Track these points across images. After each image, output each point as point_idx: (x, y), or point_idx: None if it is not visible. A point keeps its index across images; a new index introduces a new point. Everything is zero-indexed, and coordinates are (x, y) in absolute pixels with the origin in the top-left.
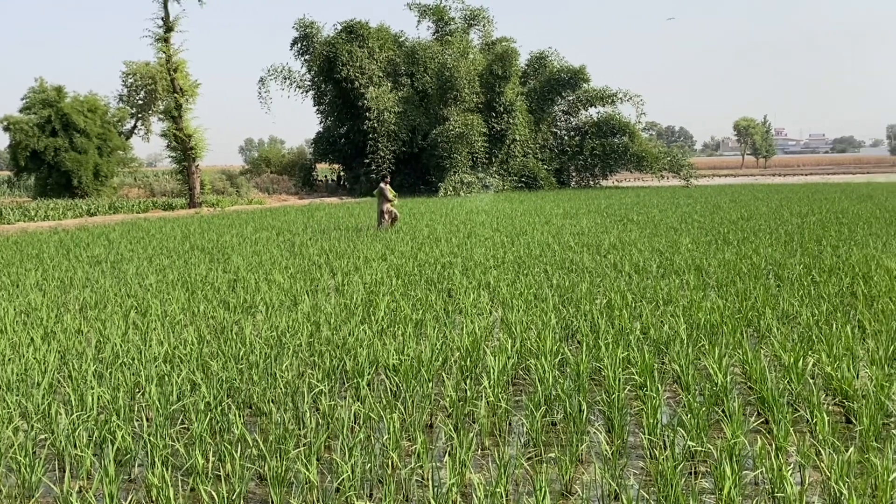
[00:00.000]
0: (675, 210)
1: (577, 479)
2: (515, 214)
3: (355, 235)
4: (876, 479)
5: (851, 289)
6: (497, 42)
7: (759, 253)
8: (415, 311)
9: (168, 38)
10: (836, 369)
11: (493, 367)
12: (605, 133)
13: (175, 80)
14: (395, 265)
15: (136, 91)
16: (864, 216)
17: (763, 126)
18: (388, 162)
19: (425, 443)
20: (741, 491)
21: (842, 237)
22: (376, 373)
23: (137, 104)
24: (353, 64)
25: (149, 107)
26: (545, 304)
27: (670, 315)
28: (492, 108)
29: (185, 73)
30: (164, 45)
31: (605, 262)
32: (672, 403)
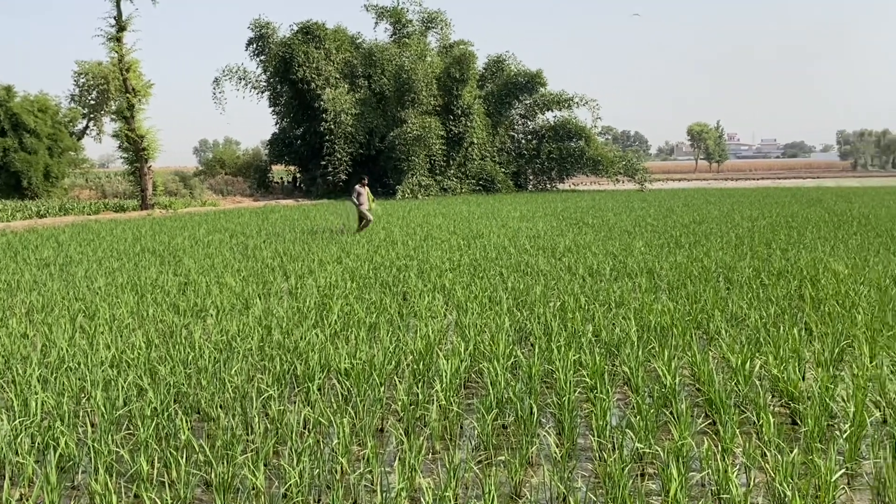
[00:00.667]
0: (630, 214)
1: (527, 482)
2: (472, 217)
3: (310, 238)
4: (819, 480)
5: (799, 292)
6: (455, 45)
7: (710, 256)
8: (369, 314)
9: (120, 37)
10: (783, 371)
11: (445, 371)
12: (562, 137)
13: (127, 81)
14: (350, 268)
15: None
16: (814, 220)
17: (716, 131)
18: (344, 164)
19: (375, 447)
20: (687, 492)
21: (791, 241)
22: (328, 377)
23: (89, 104)
24: (310, 65)
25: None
26: (499, 307)
27: (622, 317)
28: (449, 111)
29: (137, 73)
30: (117, 45)
31: (560, 265)
32: (622, 405)
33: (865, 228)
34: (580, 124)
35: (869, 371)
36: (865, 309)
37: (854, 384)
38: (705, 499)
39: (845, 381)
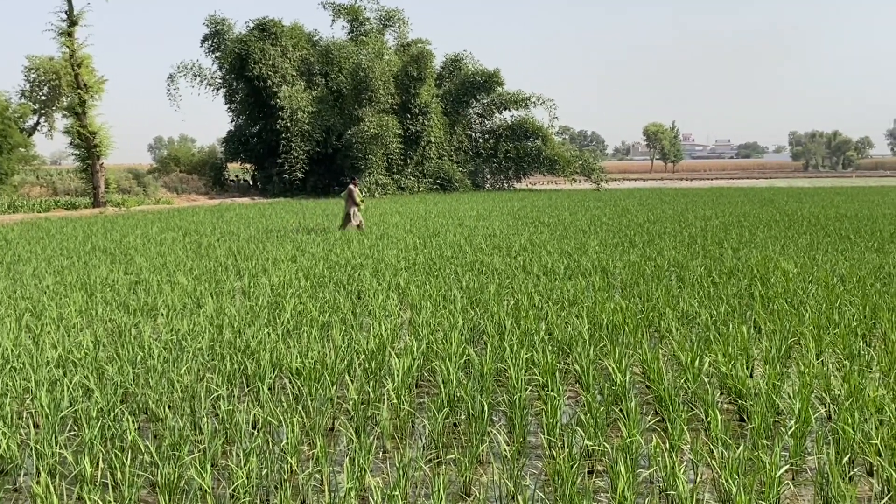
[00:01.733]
0: (586, 213)
1: (477, 481)
2: (429, 216)
3: (265, 237)
4: (764, 476)
5: (749, 290)
6: (412, 43)
7: (663, 255)
8: (322, 313)
9: (72, 32)
10: (731, 369)
11: (397, 370)
12: (519, 136)
13: (79, 76)
14: (304, 267)
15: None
16: (765, 220)
17: (671, 132)
18: (301, 162)
19: (325, 447)
20: (635, 489)
21: (742, 240)
22: (279, 376)
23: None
24: (266, 62)
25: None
26: (453, 306)
27: (575, 316)
28: (407, 110)
29: (89, 68)
30: (68, 40)
31: (515, 264)
32: (573, 403)
33: (815, 228)
34: (537, 124)
35: (815, 368)
36: (813, 307)
37: (800, 381)
38: (652, 495)
39: (792, 378)
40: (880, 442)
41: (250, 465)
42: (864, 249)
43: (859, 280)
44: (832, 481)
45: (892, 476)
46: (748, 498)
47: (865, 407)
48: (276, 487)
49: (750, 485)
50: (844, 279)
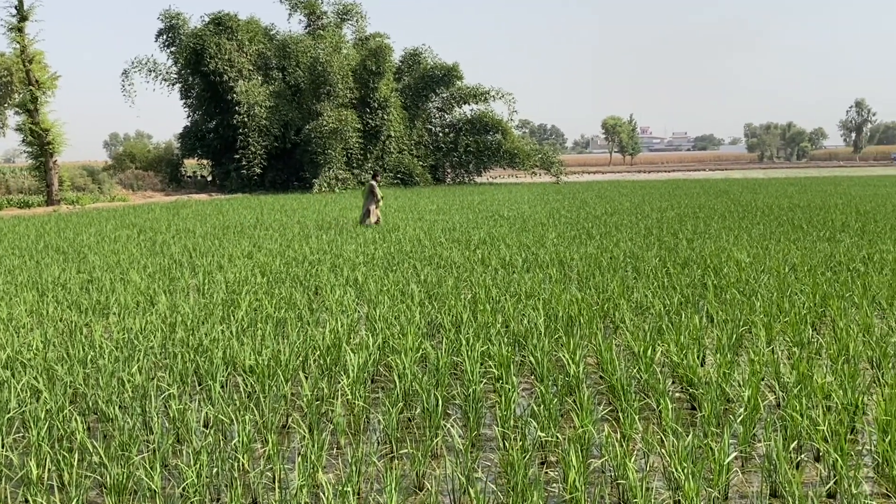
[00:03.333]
0: (545, 206)
1: (431, 474)
2: (389, 210)
3: (222, 233)
4: (713, 464)
5: (703, 280)
6: (371, 37)
7: (619, 247)
8: (278, 309)
9: (22, 27)
10: (683, 358)
11: (353, 365)
12: (479, 130)
13: (30, 72)
14: (261, 263)
15: None
16: (720, 211)
17: (629, 124)
18: (259, 157)
19: (277, 444)
20: (586, 479)
21: (697, 231)
22: (232, 374)
23: None
24: (222, 57)
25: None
26: (411, 301)
27: (531, 308)
28: (366, 104)
29: (42, 64)
30: (18, 35)
31: (474, 258)
32: (528, 395)
33: (768, 218)
34: (497, 118)
35: (765, 356)
36: (764, 296)
37: (750, 369)
38: (603, 485)
39: (742, 366)
40: (827, 428)
41: (201, 464)
42: (815, 239)
43: (810, 269)
44: (779, 468)
45: (837, 461)
46: (697, 485)
47: (813, 393)
48: (228, 486)
49: (699, 472)
50: (796, 268)
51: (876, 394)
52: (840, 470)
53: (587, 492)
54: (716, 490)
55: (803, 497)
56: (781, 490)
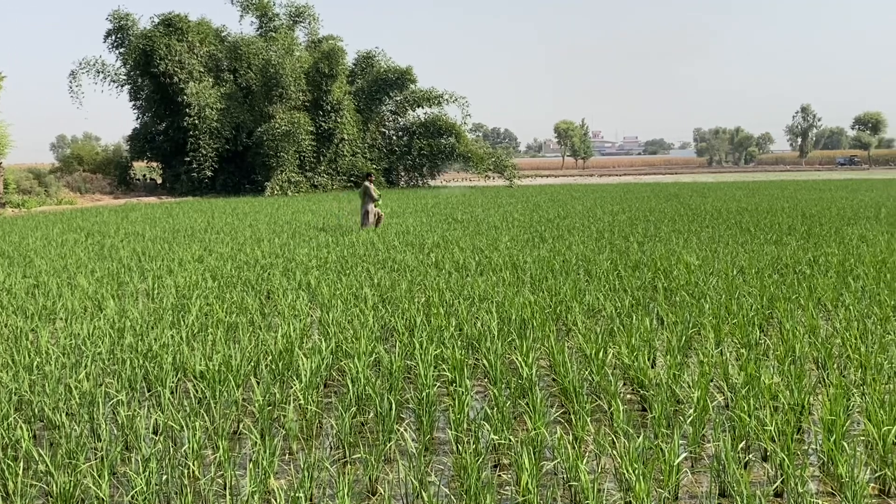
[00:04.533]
0: (498, 209)
1: (384, 479)
2: (342, 214)
3: (172, 237)
4: (663, 464)
5: (653, 282)
6: (323, 40)
7: (571, 250)
8: (229, 314)
9: None
10: (634, 360)
11: (305, 370)
12: (433, 133)
13: None
14: (211, 267)
15: None
16: (670, 214)
17: (581, 129)
18: (210, 160)
19: (228, 450)
20: (539, 481)
21: (648, 234)
22: (183, 380)
23: None
24: (172, 58)
25: None
26: (364, 304)
27: (485, 311)
28: (319, 107)
29: None
30: None
31: (428, 261)
32: (482, 398)
33: (717, 221)
34: (450, 121)
35: (714, 357)
36: (713, 298)
37: (699, 370)
38: (555, 487)
39: (691, 368)
40: (774, 428)
41: (150, 472)
42: (763, 242)
43: (758, 272)
44: (728, 467)
45: (784, 461)
46: (647, 486)
47: (761, 394)
48: (177, 493)
49: (649, 473)
50: (743, 271)
51: (821, 394)
52: (787, 469)
53: (540, 494)
54: (666, 490)
55: (751, 496)
56: (730, 490)
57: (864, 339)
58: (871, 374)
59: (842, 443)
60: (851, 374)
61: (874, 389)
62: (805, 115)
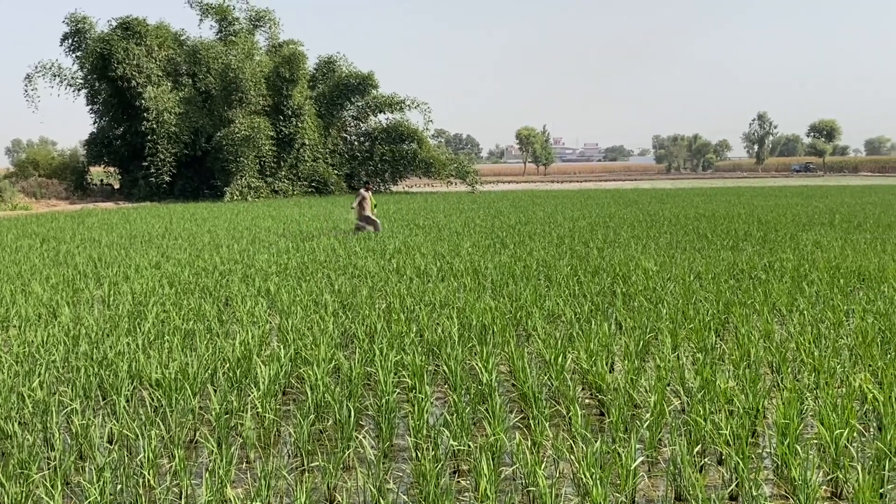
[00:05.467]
0: (460, 215)
1: (342, 487)
2: (303, 220)
3: (129, 243)
4: (620, 469)
5: (612, 288)
6: (284, 44)
7: (532, 255)
8: (186, 321)
9: None
10: (592, 365)
11: (263, 377)
12: (395, 139)
13: None
14: (169, 273)
15: None
16: (629, 220)
17: (543, 135)
18: (168, 165)
19: (184, 459)
20: (497, 487)
21: (607, 240)
22: (139, 388)
23: None
24: (130, 62)
25: None
26: (324, 311)
27: (446, 317)
28: (280, 112)
29: None
30: None
31: (389, 267)
32: (441, 404)
33: (675, 227)
34: (412, 127)
35: (670, 362)
36: (670, 303)
37: (656, 375)
38: (513, 492)
39: (648, 372)
40: (729, 432)
41: (104, 481)
42: (719, 248)
43: (714, 277)
44: (684, 472)
45: (739, 464)
46: (604, 491)
47: (716, 398)
48: (132, 503)
49: (606, 478)
50: (700, 276)
51: (776, 398)
52: (741, 473)
53: (498, 500)
54: (623, 495)
55: (706, 500)
56: (686, 494)
57: (817, 343)
58: (825, 378)
59: (795, 446)
60: (805, 378)
61: (827, 393)
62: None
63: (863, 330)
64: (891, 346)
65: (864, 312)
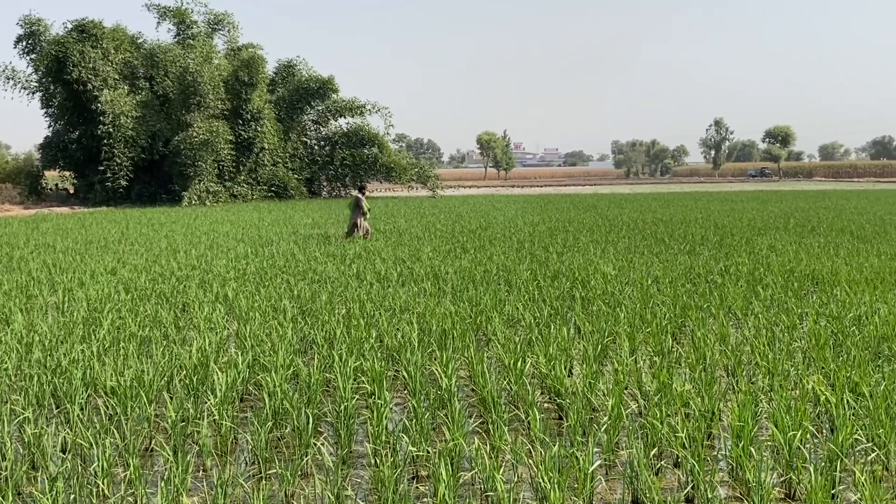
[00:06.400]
0: (421, 220)
1: (300, 494)
2: (263, 224)
3: (84, 248)
4: (578, 473)
5: (571, 292)
6: (243, 48)
7: (492, 260)
8: (142, 328)
9: None
10: (551, 369)
11: (220, 384)
12: (355, 144)
13: None
14: (125, 279)
15: None
16: (588, 225)
17: (503, 140)
18: (125, 169)
19: (139, 468)
20: (456, 492)
21: (567, 244)
22: (94, 396)
23: None
24: (86, 65)
25: None
26: (283, 317)
27: (406, 322)
28: (239, 116)
29: None
30: None
31: (349, 272)
32: (401, 410)
33: (633, 232)
34: (373, 131)
35: (628, 366)
36: (628, 307)
37: (614, 378)
38: (472, 497)
39: (606, 376)
40: (685, 435)
41: (57, 491)
42: (676, 252)
43: (671, 281)
44: (641, 474)
45: (695, 467)
46: (563, 495)
47: (673, 401)
48: None
49: (564, 482)
50: (658, 280)
51: (731, 400)
52: (697, 475)
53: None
54: (580, 499)
55: (663, 503)
56: (643, 496)
57: (771, 346)
58: (779, 381)
59: (749, 448)
60: (760, 381)
61: (781, 395)
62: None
63: (816, 333)
64: (843, 349)
65: (817, 315)
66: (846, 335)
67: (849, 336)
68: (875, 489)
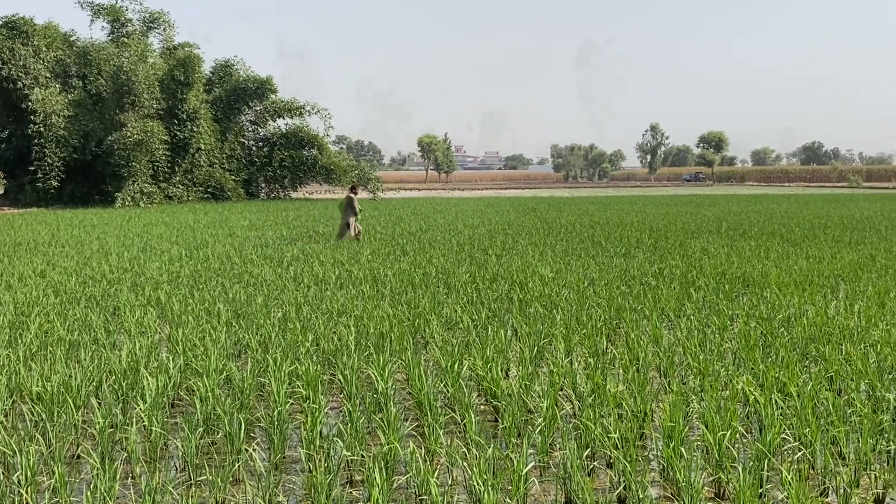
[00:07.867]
0: (361, 222)
1: (231, 501)
2: (198, 226)
3: (12, 250)
4: (513, 475)
5: (509, 295)
6: (179, 47)
7: (432, 263)
8: (71, 332)
9: None
10: (488, 371)
11: (150, 389)
12: (294, 145)
13: None
14: (54, 282)
15: None
16: (527, 228)
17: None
18: (56, 169)
19: (64, 475)
20: (390, 496)
21: (506, 247)
22: (18, 402)
23: None
24: (16, 63)
25: None
26: (216, 320)
27: (343, 325)
28: (174, 116)
29: None
30: None
31: (286, 275)
32: (337, 414)
33: (571, 235)
34: (312, 133)
35: (563, 367)
36: (565, 309)
37: (549, 380)
38: (405, 501)
39: (542, 378)
40: (618, 435)
41: None
42: (612, 255)
43: (607, 283)
44: (574, 476)
45: (626, 468)
46: (496, 497)
47: (606, 402)
48: None
49: (498, 484)
50: (594, 283)
51: (663, 401)
52: (629, 476)
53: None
54: (514, 501)
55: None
56: (575, 497)
57: (703, 347)
58: (709, 381)
59: (680, 448)
60: (691, 382)
61: (711, 396)
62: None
63: (746, 334)
64: (772, 350)
65: (747, 317)
66: (775, 336)
67: (778, 337)
68: (801, 487)
